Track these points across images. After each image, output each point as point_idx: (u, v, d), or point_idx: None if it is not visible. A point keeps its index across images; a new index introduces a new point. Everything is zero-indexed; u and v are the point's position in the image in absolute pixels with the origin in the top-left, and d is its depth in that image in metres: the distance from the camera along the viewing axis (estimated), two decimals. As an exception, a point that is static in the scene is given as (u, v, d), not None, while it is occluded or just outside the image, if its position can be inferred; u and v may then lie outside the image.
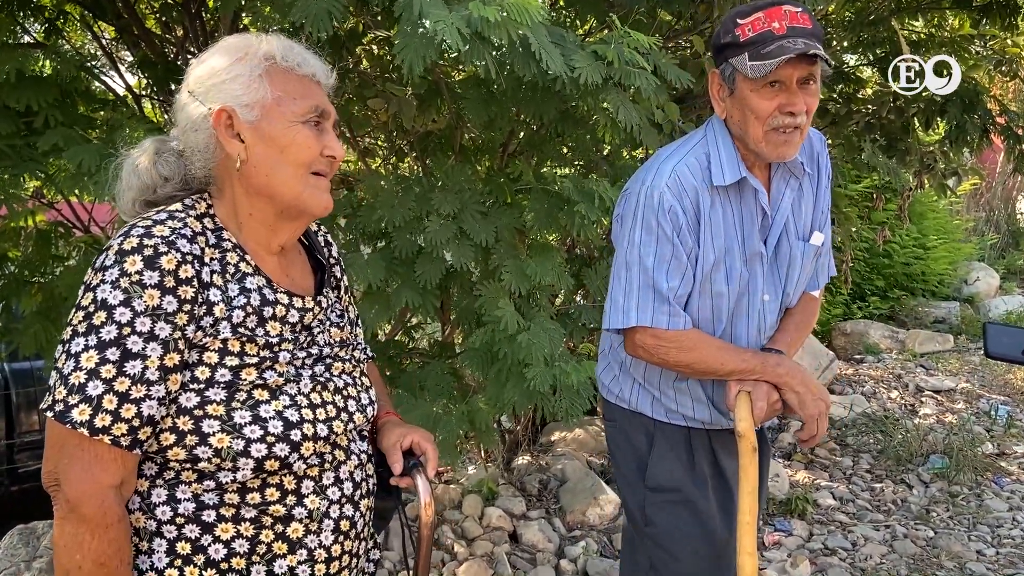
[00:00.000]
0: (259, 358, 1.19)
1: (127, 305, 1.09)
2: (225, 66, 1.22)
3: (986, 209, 12.17)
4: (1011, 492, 4.33)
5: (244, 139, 1.21)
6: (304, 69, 1.25)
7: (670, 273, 1.67)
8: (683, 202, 1.67)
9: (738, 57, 1.61)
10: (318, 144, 1.24)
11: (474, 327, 3.07)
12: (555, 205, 2.92)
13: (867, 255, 8.04)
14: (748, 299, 1.76)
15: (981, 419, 5.41)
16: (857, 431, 5.21)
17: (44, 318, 2.81)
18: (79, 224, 3.22)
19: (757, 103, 1.61)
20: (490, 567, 3.19)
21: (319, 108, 1.24)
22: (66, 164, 2.31)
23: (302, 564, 1.22)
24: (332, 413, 1.26)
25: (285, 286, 1.28)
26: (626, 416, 1.90)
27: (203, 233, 1.21)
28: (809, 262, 1.83)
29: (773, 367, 1.68)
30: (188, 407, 1.14)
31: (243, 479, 1.17)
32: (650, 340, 1.70)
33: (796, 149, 1.66)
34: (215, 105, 1.21)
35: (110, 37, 3.73)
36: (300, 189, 1.24)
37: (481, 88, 2.82)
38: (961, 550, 3.65)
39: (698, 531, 1.80)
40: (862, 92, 4.69)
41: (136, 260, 1.11)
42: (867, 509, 4.15)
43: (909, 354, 7.11)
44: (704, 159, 1.71)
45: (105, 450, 1.09)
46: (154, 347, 1.10)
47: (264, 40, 1.25)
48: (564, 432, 4.59)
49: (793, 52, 1.53)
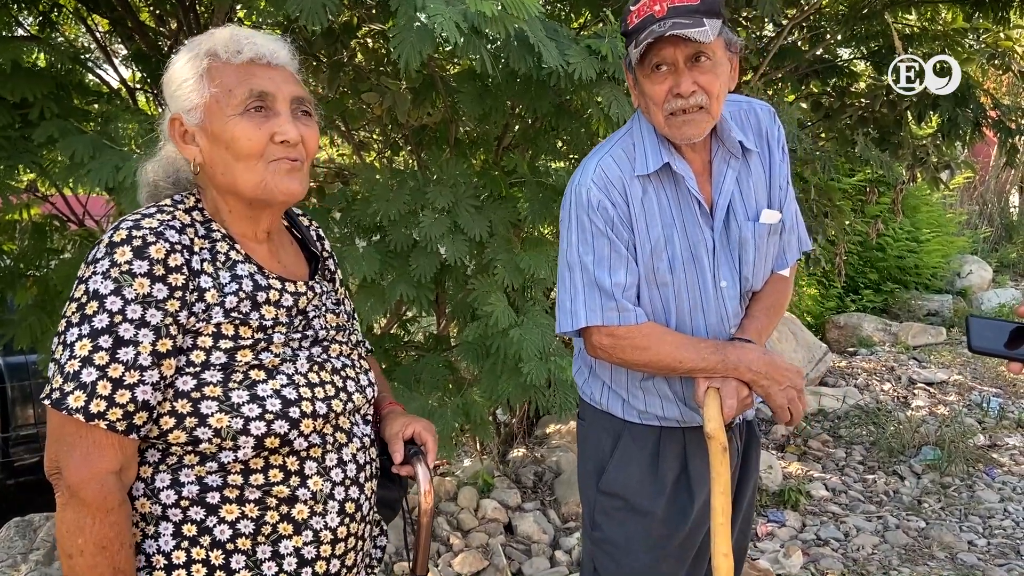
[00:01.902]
0: (253, 340, 1.21)
1: (117, 294, 1.12)
2: (178, 71, 1.25)
3: (979, 203, 12.22)
4: (1002, 483, 4.36)
5: (198, 143, 1.24)
6: (244, 55, 1.22)
7: (612, 269, 1.64)
8: (611, 195, 1.63)
9: (630, 46, 1.58)
10: (261, 132, 1.21)
11: (468, 321, 3.08)
12: (550, 197, 2.93)
13: (860, 248, 8.07)
14: (700, 288, 1.70)
15: (973, 411, 5.45)
16: (850, 423, 5.24)
17: (39, 311, 2.81)
18: (73, 217, 3.22)
19: (650, 88, 1.58)
20: (486, 558, 3.21)
21: (255, 91, 1.21)
22: (60, 156, 2.31)
23: (307, 545, 1.23)
24: (331, 392, 1.27)
25: (277, 272, 1.30)
26: (596, 416, 1.86)
27: (192, 225, 1.23)
28: (765, 242, 1.74)
29: (734, 364, 1.62)
30: (185, 390, 1.16)
31: (244, 458, 1.18)
32: (606, 340, 1.66)
33: (701, 128, 1.60)
34: (171, 113, 1.25)
35: (103, 30, 3.72)
36: (256, 180, 1.22)
37: (476, 82, 2.82)
38: (953, 541, 3.68)
39: (642, 542, 1.76)
40: (855, 86, 4.71)
41: (125, 251, 1.14)
42: (859, 500, 4.18)
43: (902, 347, 7.15)
44: (631, 149, 1.68)
45: (102, 436, 1.11)
46: (145, 333, 1.12)
47: (212, 37, 1.25)
48: (559, 425, 4.62)
49: (654, 36, 1.49)
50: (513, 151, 3.35)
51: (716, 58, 1.57)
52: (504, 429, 4.48)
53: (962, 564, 3.49)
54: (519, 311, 2.88)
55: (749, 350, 1.64)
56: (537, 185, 2.98)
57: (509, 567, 3.21)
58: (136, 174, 1.36)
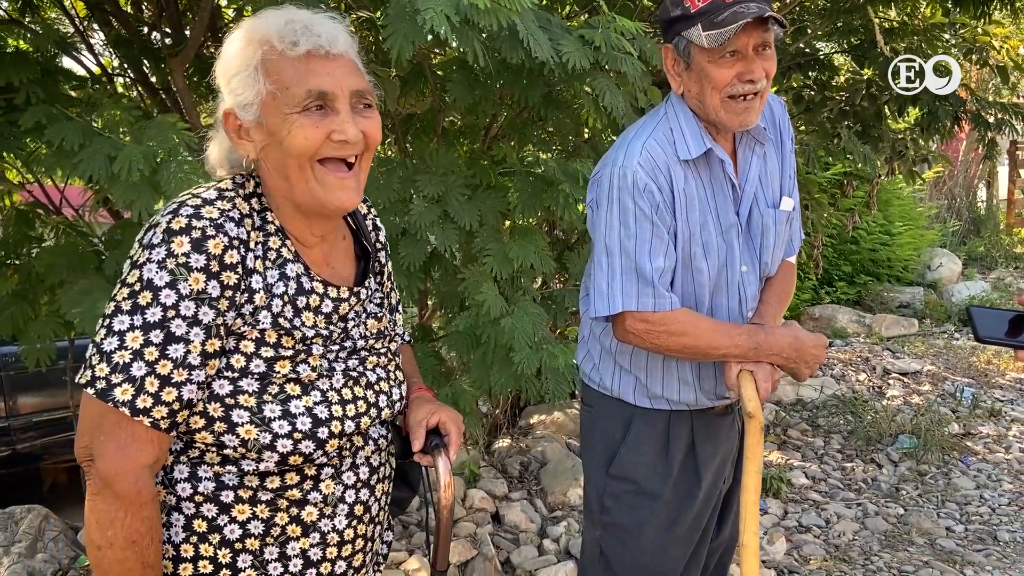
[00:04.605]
0: (294, 351, 1.18)
1: (172, 287, 1.08)
2: (230, 60, 1.18)
3: (948, 197, 12.42)
4: (977, 471, 4.45)
5: (253, 138, 1.18)
6: (301, 47, 1.14)
7: (653, 253, 1.63)
8: (657, 179, 1.63)
9: (691, 29, 1.56)
10: (319, 131, 1.14)
11: (457, 311, 3.08)
12: (538, 187, 2.92)
13: (835, 241, 8.18)
14: (727, 273, 1.73)
15: (947, 400, 5.55)
16: (828, 412, 5.31)
17: (21, 300, 2.75)
18: (52, 206, 3.16)
19: (716, 74, 1.58)
20: (474, 547, 3.21)
21: (314, 91, 1.14)
22: (44, 144, 2.26)
23: (314, 547, 1.23)
24: (362, 408, 1.25)
25: (324, 275, 1.25)
26: (604, 402, 1.87)
27: (250, 215, 1.18)
28: (783, 228, 1.80)
29: (766, 351, 1.65)
30: (220, 394, 1.14)
31: (265, 469, 1.17)
32: (640, 325, 1.66)
33: (758, 115, 1.64)
34: (225, 106, 1.19)
35: (81, 15, 3.65)
36: (308, 184, 1.17)
37: (466, 71, 2.81)
38: (931, 527, 3.76)
39: (653, 523, 1.79)
40: (836, 79, 4.76)
41: (184, 241, 1.09)
42: (839, 488, 4.25)
43: (876, 338, 7.26)
44: (669, 134, 1.68)
45: (143, 431, 1.09)
46: (197, 332, 1.09)
47: (265, 22, 1.18)
48: (543, 415, 4.63)
49: (749, 16, 1.49)
50: (501, 141, 3.34)
51: (773, 47, 1.60)
52: (488, 420, 4.48)
53: (941, 549, 3.56)
54: (508, 300, 2.88)
55: (779, 336, 1.68)
56: (526, 175, 2.98)
57: (497, 556, 3.22)
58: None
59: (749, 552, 1.59)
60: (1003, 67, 4.63)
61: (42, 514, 3.14)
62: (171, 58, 2.83)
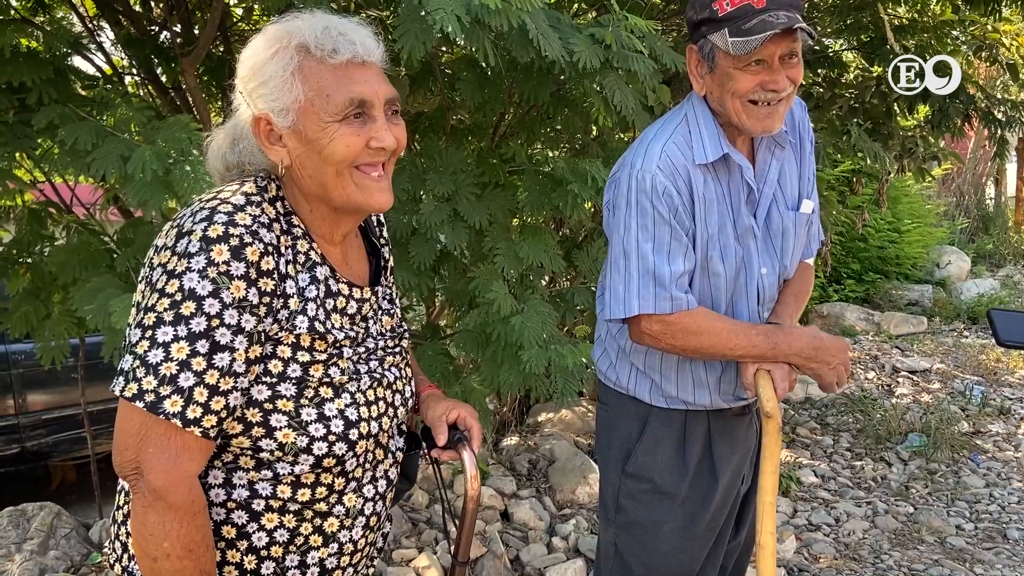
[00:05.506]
0: (327, 355, 1.18)
1: (216, 296, 1.07)
2: (261, 64, 1.17)
3: (956, 194, 12.39)
4: (987, 469, 4.44)
5: (285, 144, 1.17)
6: (340, 55, 1.15)
7: (671, 256, 1.62)
8: (676, 183, 1.62)
9: (717, 33, 1.54)
10: (359, 139, 1.15)
11: (467, 309, 3.08)
12: (547, 186, 2.92)
13: (843, 239, 8.16)
14: (746, 275, 1.72)
15: (956, 399, 5.53)
16: (837, 411, 5.31)
17: (34, 298, 2.77)
18: (63, 204, 3.18)
19: (739, 81, 1.56)
20: (483, 545, 3.22)
21: (355, 100, 1.14)
22: (56, 143, 2.27)
23: (331, 556, 1.25)
24: (383, 409, 1.26)
25: (346, 276, 1.26)
26: (621, 401, 1.86)
27: (277, 219, 1.17)
28: (803, 231, 1.79)
29: (784, 351, 1.64)
30: (259, 400, 1.14)
31: (299, 473, 1.17)
32: (656, 326, 1.65)
33: (781, 121, 1.62)
34: (255, 111, 1.17)
35: (91, 14, 3.66)
36: (347, 190, 1.18)
37: (475, 69, 2.81)
38: (941, 525, 3.75)
39: (669, 522, 1.78)
40: (845, 77, 4.75)
41: (223, 250, 1.08)
42: (848, 486, 4.24)
43: (884, 336, 7.24)
44: (688, 137, 1.66)
45: (193, 440, 1.08)
46: (241, 340, 1.09)
47: (299, 28, 1.16)
48: (551, 413, 4.63)
49: (777, 27, 1.47)
50: (509, 139, 3.34)
51: (800, 56, 1.58)
52: (496, 418, 4.49)
53: (951, 548, 3.55)
54: (518, 299, 2.88)
55: (797, 336, 1.66)
56: (535, 173, 2.98)
57: (507, 554, 3.22)
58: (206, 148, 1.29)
59: (766, 553, 1.57)
60: (1013, 64, 4.61)
61: (54, 511, 3.16)
62: (183, 57, 2.84)
